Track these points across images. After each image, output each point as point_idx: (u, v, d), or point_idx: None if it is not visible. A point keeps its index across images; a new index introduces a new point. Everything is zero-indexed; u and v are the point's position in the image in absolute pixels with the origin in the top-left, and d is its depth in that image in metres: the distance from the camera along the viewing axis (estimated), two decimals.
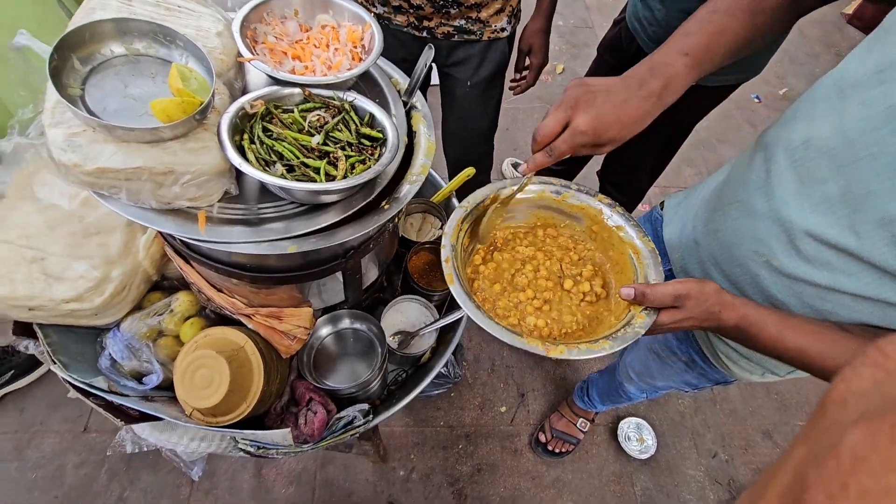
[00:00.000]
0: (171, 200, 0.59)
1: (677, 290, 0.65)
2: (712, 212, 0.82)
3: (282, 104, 0.71)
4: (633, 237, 0.80)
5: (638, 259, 0.79)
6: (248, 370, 0.74)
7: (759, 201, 0.70)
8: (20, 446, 1.59)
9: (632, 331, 0.67)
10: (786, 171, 0.66)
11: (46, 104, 0.56)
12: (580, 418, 1.70)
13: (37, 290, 0.73)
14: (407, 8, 1.20)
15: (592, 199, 0.84)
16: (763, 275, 0.72)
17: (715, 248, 0.80)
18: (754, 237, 0.71)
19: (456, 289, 0.70)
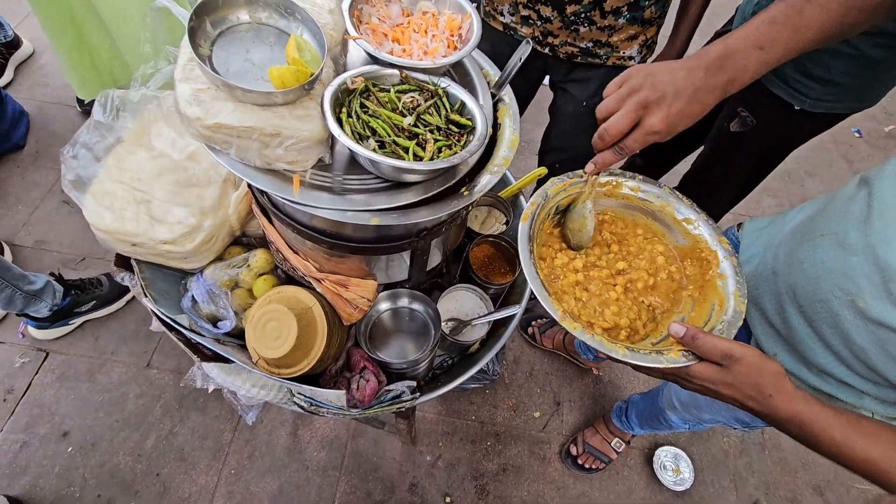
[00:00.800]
0: (273, 161, 0.64)
1: (732, 349, 0.58)
2: (800, 242, 0.77)
3: (379, 83, 0.74)
4: (730, 292, 0.73)
5: (717, 312, 0.72)
6: (313, 330, 0.79)
7: (855, 235, 0.66)
8: (92, 370, 1.75)
9: (654, 357, 0.62)
10: (891, 208, 0.62)
11: (179, 60, 0.62)
12: (615, 438, 1.66)
13: (141, 228, 0.80)
14: (535, 20, 1.17)
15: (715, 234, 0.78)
16: (845, 315, 0.67)
17: (797, 281, 0.75)
18: (843, 273, 0.66)
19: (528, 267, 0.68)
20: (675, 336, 0.63)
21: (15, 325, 1.78)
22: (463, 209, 0.75)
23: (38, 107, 2.38)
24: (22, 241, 2.00)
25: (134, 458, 1.60)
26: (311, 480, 1.62)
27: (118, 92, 0.80)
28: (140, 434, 1.64)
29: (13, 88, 2.42)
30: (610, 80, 1.27)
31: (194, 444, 1.64)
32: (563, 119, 1.41)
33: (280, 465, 1.63)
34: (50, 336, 1.77)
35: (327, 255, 0.83)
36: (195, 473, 1.59)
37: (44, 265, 1.94)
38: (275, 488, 1.59)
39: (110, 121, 0.79)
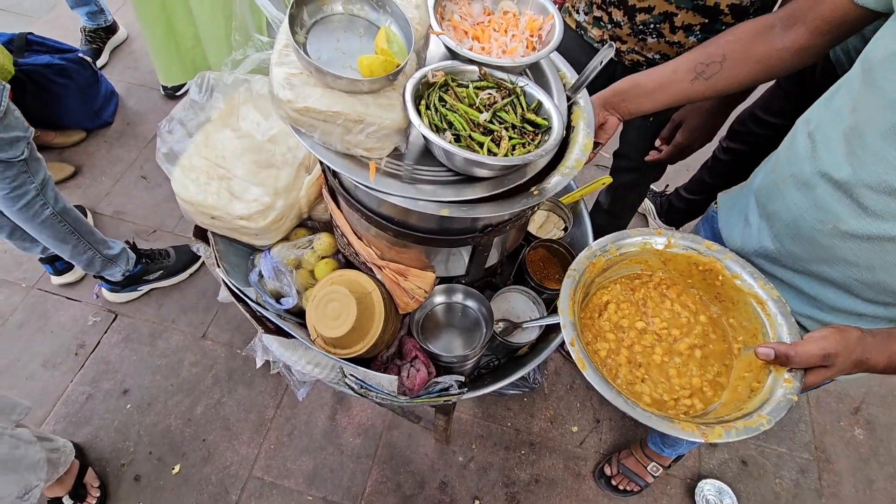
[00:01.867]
0: (353, 147, 0.66)
1: (824, 348, 0.63)
2: (768, 197, 0.80)
3: (458, 79, 0.75)
4: (754, 285, 0.77)
5: (764, 309, 0.75)
6: (371, 314, 0.81)
7: (809, 170, 0.70)
8: (154, 335, 1.87)
9: (785, 399, 0.65)
10: (832, 137, 0.67)
11: (276, 45, 0.66)
12: (652, 462, 1.60)
13: (221, 202, 0.85)
14: (606, 22, 1.15)
15: (700, 244, 0.82)
16: (835, 244, 0.69)
17: (779, 232, 0.78)
18: (815, 206, 0.70)
19: (590, 374, 0.69)
20: (765, 359, 0.68)
21: (90, 286, 1.93)
22: (529, 209, 0.75)
23: (126, 88, 2.58)
24: (103, 209, 2.16)
25: (184, 421, 1.70)
26: (345, 465, 1.65)
27: (213, 74, 0.86)
28: (191, 400, 1.74)
29: (107, 70, 2.63)
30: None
31: (239, 415, 1.72)
32: (629, 128, 1.38)
33: (317, 447, 1.68)
34: (120, 299, 1.90)
35: (390, 243, 0.85)
36: (238, 444, 1.67)
37: (120, 233, 2.09)
38: (310, 468, 1.64)
39: (204, 100, 0.85)
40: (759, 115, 1.49)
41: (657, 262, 0.87)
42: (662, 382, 0.77)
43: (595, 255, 0.83)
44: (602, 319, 0.84)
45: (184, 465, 1.62)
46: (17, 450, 1.14)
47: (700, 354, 0.79)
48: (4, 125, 1.27)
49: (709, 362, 0.79)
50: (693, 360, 0.79)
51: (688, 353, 0.79)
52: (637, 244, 0.84)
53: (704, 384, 0.77)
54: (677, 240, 0.83)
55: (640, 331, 0.82)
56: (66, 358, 1.80)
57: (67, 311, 1.90)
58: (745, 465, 1.72)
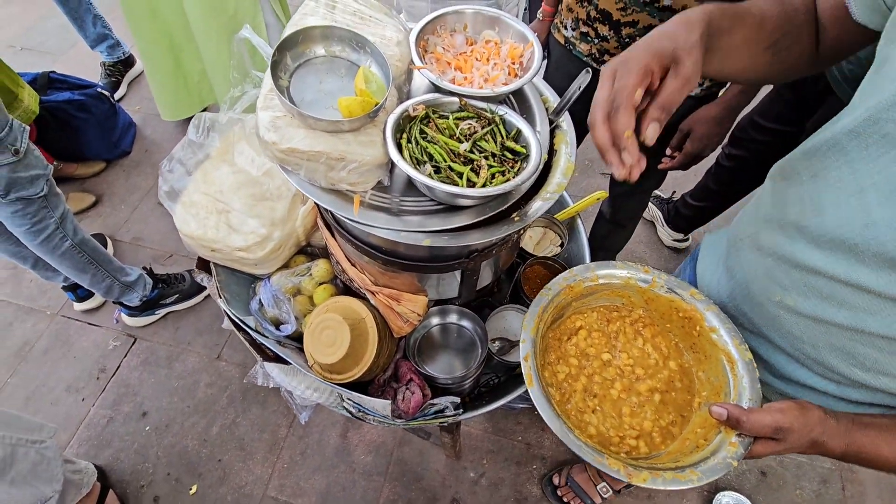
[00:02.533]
0: (337, 182, 0.69)
1: (778, 421, 0.60)
2: (728, 249, 0.77)
3: (439, 110, 0.77)
4: (728, 343, 0.75)
5: (732, 369, 0.73)
6: (365, 340, 0.83)
7: (764, 235, 0.67)
8: (171, 357, 1.93)
9: (723, 461, 0.64)
10: (790, 204, 0.62)
11: (262, 90, 0.69)
12: (603, 482, 1.56)
13: (220, 235, 0.89)
14: (593, 37, 1.17)
15: (685, 291, 0.80)
16: (783, 316, 0.67)
17: (733, 290, 0.75)
18: (765, 275, 0.67)
19: (535, 392, 0.71)
20: (718, 418, 0.65)
21: (111, 311, 2.00)
22: (513, 233, 0.77)
23: (143, 118, 2.68)
24: (122, 236, 2.25)
25: (200, 442, 1.74)
26: (357, 483, 1.67)
27: (209, 115, 0.90)
28: (207, 420, 1.78)
29: (125, 101, 2.74)
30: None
31: (253, 435, 1.75)
32: None
33: (329, 465, 1.70)
34: (139, 323, 1.97)
35: (382, 269, 0.87)
36: (252, 463, 1.70)
37: (138, 259, 2.17)
38: (323, 486, 1.66)
39: (201, 139, 0.89)
40: (759, 121, 1.49)
41: (639, 300, 0.85)
42: (613, 418, 0.77)
43: (574, 279, 0.83)
44: (570, 343, 0.83)
45: (201, 486, 1.66)
46: (39, 465, 1.19)
47: (659, 399, 0.77)
48: (25, 164, 1.34)
49: (666, 409, 0.77)
50: (650, 403, 0.78)
51: (647, 394, 0.78)
52: (621, 277, 0.84)
53: (655, 430, 0.76)
54: (662, 281, 0.82)
55: (604, 362, 0.81)
56: (88, 382, 1.87)
57: (89, 336, 1.97)
58: (764, 476, 1.68)
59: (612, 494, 1.58)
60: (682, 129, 1.23)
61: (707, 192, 1.86)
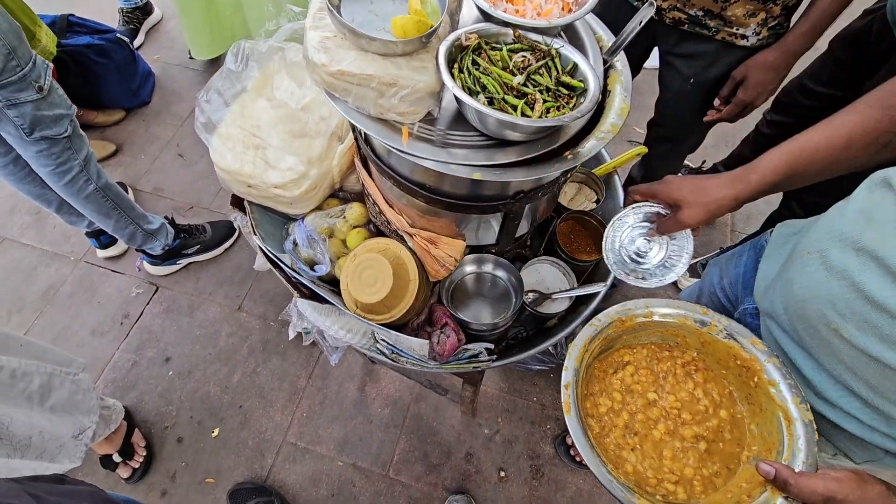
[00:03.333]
0: (386, 111, 0.66)
1: (831, 490, 0.55)
2: (792, 257, 0.70)
3: (492, 41, 0.74)
4: (788, 400, 0.69)
5: (788, 428, 0.68)
6: (405, 282, 0.82)
7: (836, 254, 0.60)
8: (192, 306, 1.95)
9: None
10: (876, 226, 0.56)
11: (310, 9, 0.66)
12: None
13: (257, 171, 0.87)
14: None
15: (746, 339, 0.74)
16: (836, 344, 0.61)
17: (788, 302, 0.68)
18: (826, 299, 0.61)
19: (571, 419, 0.69)
20: (765, 476, 0.62)
21: (133, 260, 2.02)
22: (563, 174, 0.74)
23: (162, 68, 2.64)
24: (143, 186, 2.24)
25: (222, 388, 1.77)
26: (374, 434, 1.70)
27: (248, 43, 0.87)
28: (228, 368, 1.81)
29: (143, 50, 2.69)
30: (720, 56, 1.15)
31: (273, 384, 1.79)
32: (668, 94, 1.34)
33: (347, 416, 1.73)
34: (160, 272, 1.99)
35: (421, 211, 0.85)
36: (272, 411, 1.74)
37: (159, 209, 2.17)
38: (341, 435, 1.70)
39: (240, 69, 0.86)
40: (808, 84, 1.42)
41: (695, 341, 0.80)
42: (653, 459, 0.73)
43: (627, 313, 0.78)
44: (615, 377, 0.79)
45: (222, 429, 1.70)
46: (76, 395, 1.22)
47: (704, 448, 0.73)
48: (49, 102, 1.32)
49: (711, 458, 0.73)
50: (695, 450, 0.74)
51: (692, 441, 0.74)
52: (676, 316, 0.78)
53: (697, 478, 0.72)
54: (722, 326, 0.76)
55: (649, 401, 0.77)
56: (112, 327, 1.90)
57: (112, 282, 2.00)
58: None
59: None
60: (735, 77, 1.17)
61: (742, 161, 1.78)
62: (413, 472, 1.65)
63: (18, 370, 1.04)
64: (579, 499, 1.62)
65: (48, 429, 1.06)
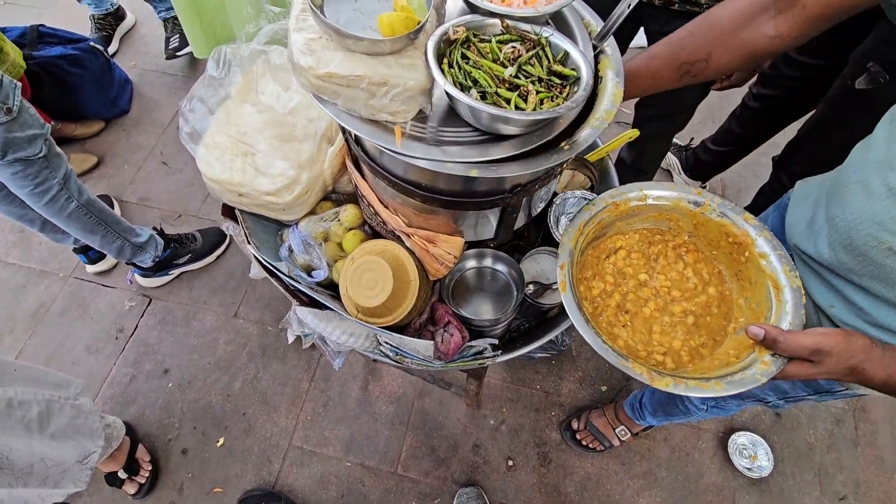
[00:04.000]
0: (378, 111, 0.65)
1: (818, 343, 0.59)
2: (830, 198, 0.74)
3: (480, 33, 0.72)
4: (777, 269, 0.72)
5: (777, 295, 0.71)
6: (406, 283, 0.81)
7: (876, 180, 0.64)
8: (188, 316, 1.93)
9: (751, 377, 0.62)
10: None
11: (293, 10, 0.64)
12: (622, 425, 1.60)
13: (247, 178, 0.85)
14: None
15: (738, 216, 0.77)
16: (889, 265, 0.64)
17: (834, 239, 0.72)
18: (874, 221, 0.64)
19: (567, 297, 0.71)
20: (754, 338, 0.65)
21: (124, 273, 1.98)
22: (559, 165, 0.73)
23: (139, 74, 2.57)
24: (128, 197, 2.20)
25: (223, 397, 1.76)
26: (380, 432, 1.70)
27: (229, 48, 0.85)
28: (229, 376, 1.80)
29: (118, 57, 2.62)
30: None
31: (275, 389, 1.77)
32: None
33: (352, 416, 1.73)
34: (153, 284, 1.96)
35: (417, 210, 0.84)
36: (276, 416, 1.73)
37: (146, 220, 2.13)
38: (347, 436, 1.70)
39: (222, 76, 0.84)
40: (793, 55, 1.41)
41: (688, 224, 0.82)
42: (642, 334, 0.76)
43: (622, 196, 0.80)
44: (608, 262, 0.82)
45: (227, 438, 1.69)
46: (77, 420, 1.20)
47: (692, 322, 0.76)
48: (20, 123, 1.28)
49: (699, 332, 0.76)
50: (683, 324, 0.77)
51: (680, 316, 0.77)
52: (671, 199, 0.81)
53: (684, 349, 0.75)
54: (716, 204, 0.78)
55: (640, 282, 0.80)
56: (107, 342, 1.87)
57: (104, 297, 1.96)
58: (778, 417, 1.71)
59: (630, 437, 1.62)
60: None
61: (730, 137, 1.80)
62: (421, 467, 1.66)
63: (15, 399, 1.02)
64: (588, 482, 1.63)
65: (50, 455, 1.05)
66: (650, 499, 1.61)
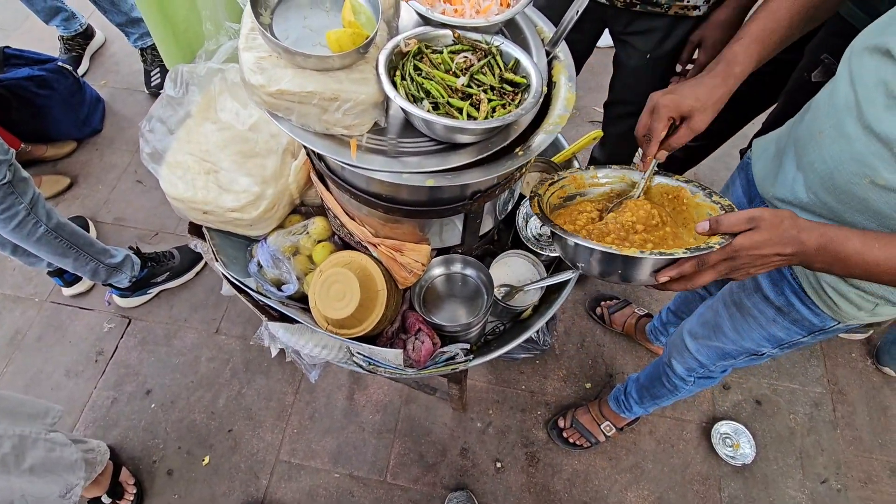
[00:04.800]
0: (332, 126, 0.65)
1: (751, 213, 0.66)
2: (804, 147, 0.79)
3: (432, 45, 0.73)
4: (708, 200, 0.81)
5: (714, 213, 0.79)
6: (374, 293, 0.82)
7: (850, 123, 0.70)
8: (168, 335, 1.91)
9: (705, 245, 0.67)
10: (873, 89, 0.66)
11: (242, 30, 0.65)
12: (606, 421, 1.62)
13: (211, 196, 0.85)
14: None
15: (668, 178, 0.87)
16: (872, 197, 0.69)
17: (814, 183, 0.77)
18: (853, 159, 0.70)
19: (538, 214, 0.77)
20: (703, 232, 0.70)
21: (102, 294, 1.96)
22: (517, 170, 0.74)
23: (111, 93, 2.55)
24: (103, 217, 2.18)
25: (208, 415, 1.75)
26: (368, 441, 1.70)
27: (186, 67, 0.85)
28: (212, 394, 1.78)
29: (89, 76, 2.60)
30: (674, 29, 1.18)
31: (260, 404, 1.76)
32: (625, 72, 1.34)
33: (339, 427, 1.73)
34: (131, 304, 1.94)
35: (382, 220, 0.85)
36: (262, 431, 1.72)
37: (123, 240, 2.11)
38: (334, 447, 1.69)
39: (180, 95, 0.84)
40: None
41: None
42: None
43: (579, 173, 0.89)
44: (579, 214, 0.87)
45: (213, 456, 1.67)
46: (52, 452, 1.18)
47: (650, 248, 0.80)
48: None
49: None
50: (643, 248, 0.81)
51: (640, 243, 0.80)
52: (616, 177, 0.90)
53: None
54: (651, 173, 0.87)
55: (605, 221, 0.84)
56: (87, 366, 1.84)
57: (82, 320, 1.94)
58: (759, 405, 1.74)
59: (616, 432, 1.64)
60: (693, 41, 1.19)
61: None
62: (410, 474, 1.66)
63: None
64: (576, 480, 1.65)
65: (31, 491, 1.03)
66: (638, 492, 1.62)
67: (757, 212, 0.66)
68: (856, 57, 0.72)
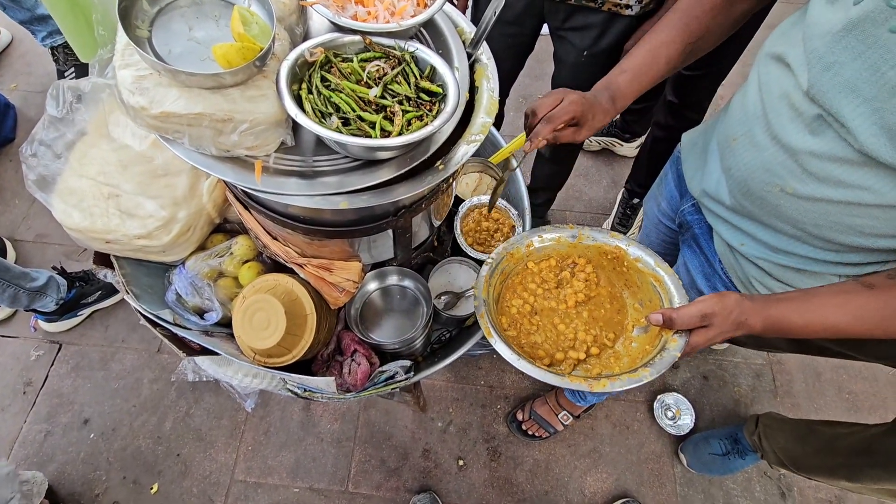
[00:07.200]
0: (230, 148, 0.60)
1: (702, 309, 0.67)
2: (723, 151, 0.82)
3: (342, 52, 0.68)
4: (652, 264, 0.81)
5: (661, 286, 0.80)
6: (302, 318, 0.77)
7: (759, 132, 0.72)
8: (105, 358, 1.79)
9: (668, 355, 0.69)
10: (778, 101, 0.68)
11: (117, 45, 0.57)
12: (564, 411, 1.65)
13: (112, 224, 0.78)
14: None
15: (606, 236, 0.86)
16: (784, 205, 0.72)
17: (732, 187, 0.80)
18: (763, 168, 0.72)
19: (498, 343, 0.75)
20: (656, 324, 0.72)
21: (26, 320, 1.81)
22: (441, 183, 0.71)
23: (22, 97, 2.33)
24: (23, 235, 2.00)
25: (154, 440, 1.65)
26: (327, 452, 1.66)
27: (68, 83, 0.75)
28: (158, 417, 1.69)
29: None
30: (610, 26, 1.17)
31: (211, 423, 1.68)
32: (564, 69, 1.33)
33: (295, 440, 1.67)
34: (60, 328, 1.79)
35: (306, 239, 0.80)
36: (214, 451, 1.64)
37: (47, 258, 1.95)
38: (292, 461, 1.64)
39: (65, 114, 0.75)
40: None
41: (573, 252, 0.90)
42: (550, 329, 0.82)
43: (513, 247, 0.87)
44: (523, 288, 0.87)
45: (162, 483, 1.59)
46: None
47: (587, 315, 0.83)
48: None
49: (595, 324, 0.83)
50: (580, 318, 0.84)
51: (575, 309, 0.84)
52: (551, 239, 0.88)
53: (589, 339, 0.81)
54: (587, 233, 0.87)
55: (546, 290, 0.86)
56: (14, 399, 1.70)
57: (5, 349, 1.78)
58: (706, 380, 1.81)
59: (573, 420, 1.66)
60: (627, 49, 1.20)
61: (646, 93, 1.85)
62: (373, 481, 1.63)
63: None
64: (537, 469, 1.67)
65: None
66: (597, 475, 1.66)
67: (707, 307, 0.66)
68: (762, 63, 0.73)
